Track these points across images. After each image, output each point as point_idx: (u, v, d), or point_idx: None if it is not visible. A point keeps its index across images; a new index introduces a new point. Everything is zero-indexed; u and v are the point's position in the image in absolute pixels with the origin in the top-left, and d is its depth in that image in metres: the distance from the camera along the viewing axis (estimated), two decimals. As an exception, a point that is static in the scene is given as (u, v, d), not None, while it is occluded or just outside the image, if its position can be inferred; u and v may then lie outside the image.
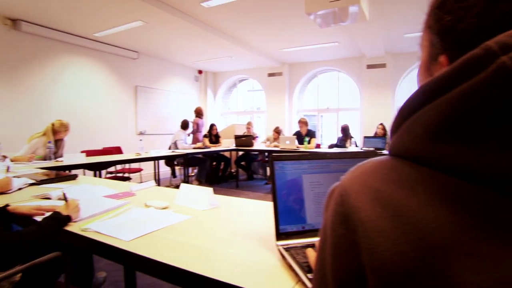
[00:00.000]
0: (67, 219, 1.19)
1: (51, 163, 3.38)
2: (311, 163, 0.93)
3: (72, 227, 1.18)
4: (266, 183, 6.78)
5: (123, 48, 6.68)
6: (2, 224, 1.04)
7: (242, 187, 6.39)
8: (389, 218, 0.31)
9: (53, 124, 3.82)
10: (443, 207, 0.30)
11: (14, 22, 4.93)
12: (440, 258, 0.28)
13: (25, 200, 1.66)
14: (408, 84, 7.36)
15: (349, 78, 7.86)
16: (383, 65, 7.12)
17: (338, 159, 0.95)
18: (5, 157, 3.16)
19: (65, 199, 1.29)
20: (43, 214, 1.33)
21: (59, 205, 1.36)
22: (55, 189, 1.86)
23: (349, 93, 8.06)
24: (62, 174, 2.42)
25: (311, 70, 8.21)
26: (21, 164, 3.23)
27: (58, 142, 3.89)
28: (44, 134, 3.77)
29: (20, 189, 1.91)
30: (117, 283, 2.39)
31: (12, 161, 3.15)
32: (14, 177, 2.03)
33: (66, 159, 3.52)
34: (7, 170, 2.11)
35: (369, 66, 7.26)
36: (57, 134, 3.84)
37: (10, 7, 4.51)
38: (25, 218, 1.34)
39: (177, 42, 6.34)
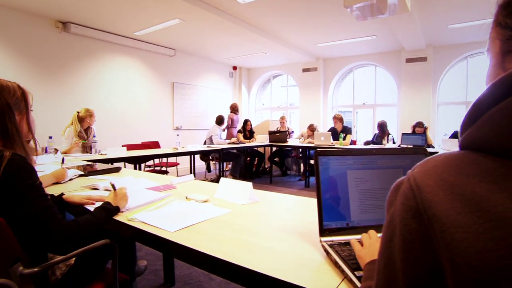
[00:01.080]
0: (117, 209, 1.26)
1: (96, 156, 3.58)
2: (356, 159, 0.91)
3: (119, 217, 1.25)
4: (300, 179, 6.74)
5: (161, 46, 6.88)
6: (58, 211, 1.11)
7: (275, 182, 6.39)
8: (471, 213, 0.30)
9: (78, 112, 3.99)
10: None
11: (65, 25, 5.25)
12: None
13: (76, 190, 1.77)
14: (451, 79, 6.97)
15: (386, 73, 7.59)
16: (423, 59, 6.80)
17: (385, 155, 0.92)
18: (56, 150, 3.38)
19: (113, 188, 1.36)
20: (93, 204, 1.41)
21: (107, 196, 1.44)
22: (102, 180, 1.96)
23: (386, 88, 7.79)
24: (90, 169, 2.51)
25: (347, 65, 8.01)
26: (70, 156, 3.45)
27: (87, 130, 4.07)
28: (72, 123, 3.96)
29: (71, 179, 2.04)
30: (157, 272, 2.50)
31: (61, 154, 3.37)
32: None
33: (109, 153, 3.71)
34: (62, 162, 2.25)
35: (409, 60, 6.96)
36: (83, 122, 3.99)
37: (61, 11, 4.82)
38: (76, 207, 1.43)
39: (212, 39, 6.43)
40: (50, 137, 3.57)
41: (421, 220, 0.34)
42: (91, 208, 1.34)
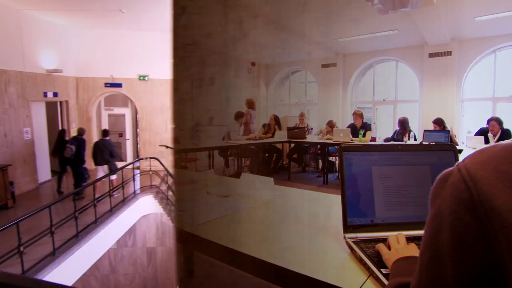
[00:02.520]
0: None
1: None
2: (381, 155, 0.89)
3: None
4: (318, 176, 6.68)
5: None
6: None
7: (294, 179, 6.36)
8: None
9: None
10: None
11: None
12: None
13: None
14: (478, 73, 6.70)
15: (408, 68, 7.39)
16: (448, 53, 6.56)
17: (411, 151, 0.90)
18: None
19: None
20: None
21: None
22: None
23: (408, 84, 7.58)
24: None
25: (367, 60, 7.84)
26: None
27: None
28: None
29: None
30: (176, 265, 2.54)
31: None
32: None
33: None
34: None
35: (432, 55, 6.74)
36: None
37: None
38: None
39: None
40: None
41: (476, 214, 0.32)
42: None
